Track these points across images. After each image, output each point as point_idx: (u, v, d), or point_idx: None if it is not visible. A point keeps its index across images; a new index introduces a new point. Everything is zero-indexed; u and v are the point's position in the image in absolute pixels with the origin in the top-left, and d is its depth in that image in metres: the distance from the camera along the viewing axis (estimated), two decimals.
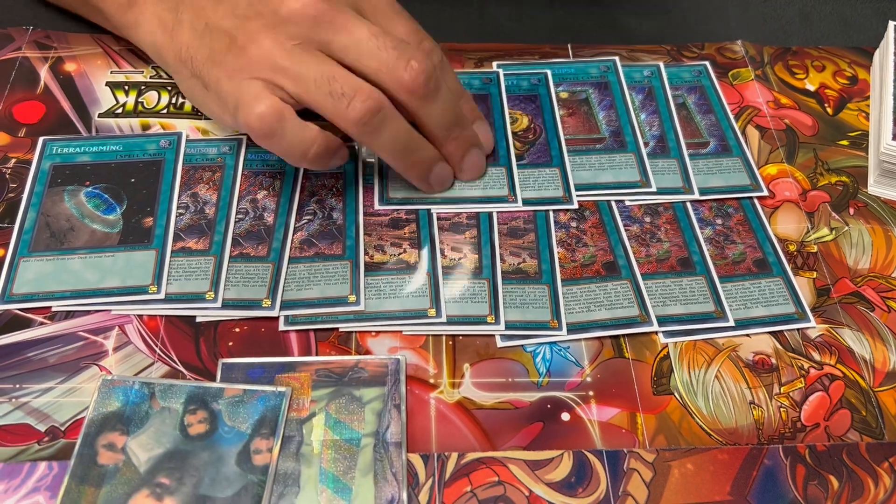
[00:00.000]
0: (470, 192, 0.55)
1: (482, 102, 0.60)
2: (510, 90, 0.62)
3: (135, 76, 0.60)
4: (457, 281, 0.51)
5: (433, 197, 0.55)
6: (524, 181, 0.56)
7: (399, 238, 0.53)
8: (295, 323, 0.49)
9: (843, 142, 0.62)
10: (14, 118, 0.57)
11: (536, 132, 0.59)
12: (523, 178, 0.56)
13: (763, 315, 0.51)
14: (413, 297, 0.50)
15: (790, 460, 0.46)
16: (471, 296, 0.50)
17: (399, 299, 0.50)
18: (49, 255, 0.50)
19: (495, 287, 0.51)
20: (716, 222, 0.56)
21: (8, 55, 0.61)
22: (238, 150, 0.56)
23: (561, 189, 0.56)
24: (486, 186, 0.55)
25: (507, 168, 0.57)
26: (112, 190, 0.54)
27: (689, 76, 0.64)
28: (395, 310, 0.49)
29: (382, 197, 0.55)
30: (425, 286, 0.50)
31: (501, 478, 0.44)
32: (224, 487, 0.42)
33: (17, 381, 0.46)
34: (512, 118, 0.60)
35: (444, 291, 0.50)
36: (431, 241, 0.53)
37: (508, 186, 0.56)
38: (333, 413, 0.45)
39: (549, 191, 0.56)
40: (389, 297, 0.50)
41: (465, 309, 0.50)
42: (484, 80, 0.62)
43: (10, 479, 0.42)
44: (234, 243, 0.52)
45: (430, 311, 0.49)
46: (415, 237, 0.53)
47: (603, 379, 0.48)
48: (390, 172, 0.55)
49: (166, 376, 0.46)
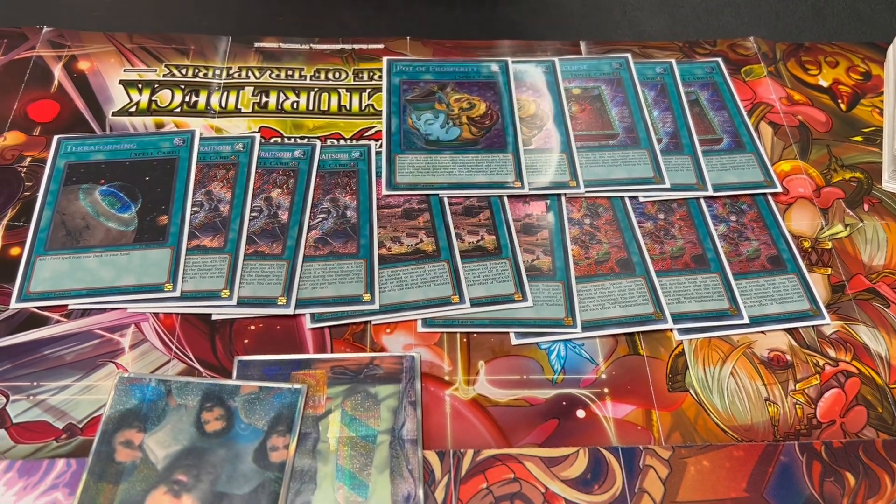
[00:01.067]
0: (477, 178, 0.56)
1: (490, 89, 0.61)
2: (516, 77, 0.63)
3: (148, 74, 0.61)
4: (478, 263, 0.52)
5: (439, 182, 0.55)
6: (531, 166, 0.57)
7: (414, 228, 0.53)
8: (322, 320, 0.49)
9: (856, 138, 0.62)
10: (29, 117, 0.57)
11: (542, 119, 0.60)
12: (529, 162, 0.57)
13: (778, 312, 0.51)
14: (435, 286, 0.50)
15: (806, 457, 0.46)
16: (494, 276, 0.51)
17: (421, 289, 0.50)
18: (65, 253, 0.50)
19: (517, 266, 0.51)
20: (730, 219, 0.56)
21: (22, 54, 0.61)
22: (251, 148, 0.56)
23: (568, 174, 0.56)
24: (492, 172, 0.56)
25: (514, 154, 0.57)
26: (127, 188, 0.54)
27: (701, 73, 0.64)
28: (418, 299, 0.50)
29: (390, 182, 0.55)
30: (446, 274, 0.51)
31: (517, 475, 0.44)
32: (241, 484, 0.42)
33: (34, 378, 0.46)
34: (519, 104, 0.60)
35: (464, 276, 0.51)
36: (446, 227, 0.53)
37: (515, 172, 0.56)
38: (349, 410, 0.45)
39: (555, 176, 0.56)
40: (412, 288, 0.50)
41: (490, 290, 0.50)
42: (492, 69, 0.63)
43: (28, 476, 0.42)
44: (249, 241, 0.52)
45: (453, 298, 0.50)
46: (430, 226, 0.53)
47: (618, 376, 0.48)
48: (398, 160, 0.56)
49: (182, 374, 0.46)
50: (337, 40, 0.65)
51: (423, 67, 0.62)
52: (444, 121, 0.59)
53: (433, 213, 0.54)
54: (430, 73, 0.62)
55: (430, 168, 0.56)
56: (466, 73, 0.62)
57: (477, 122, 0.59)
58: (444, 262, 0.51)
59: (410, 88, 0.61)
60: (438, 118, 0.59)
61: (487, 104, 0.60)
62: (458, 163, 0.56)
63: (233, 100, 0.60)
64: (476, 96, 0.61)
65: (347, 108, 0.60)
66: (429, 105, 0.60)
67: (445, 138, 0.58)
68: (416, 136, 0.58)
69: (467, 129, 0.58)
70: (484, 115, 0.59)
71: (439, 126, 0.58)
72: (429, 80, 0.61)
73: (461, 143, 0.58)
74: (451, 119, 0.59)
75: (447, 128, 0.58)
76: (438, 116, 0.59)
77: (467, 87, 0.61)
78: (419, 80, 0.61)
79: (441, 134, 0.58)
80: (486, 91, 0.61)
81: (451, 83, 0.61)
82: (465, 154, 0.57)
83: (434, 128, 0.58)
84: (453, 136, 0.58)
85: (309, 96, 0.61)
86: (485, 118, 0.59)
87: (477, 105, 0.60)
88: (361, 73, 0.62)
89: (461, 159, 0.56)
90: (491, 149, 0.57)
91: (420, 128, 0.58)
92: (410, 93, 0.61)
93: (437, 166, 0.56)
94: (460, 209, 0.54)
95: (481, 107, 0.60)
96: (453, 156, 0.57)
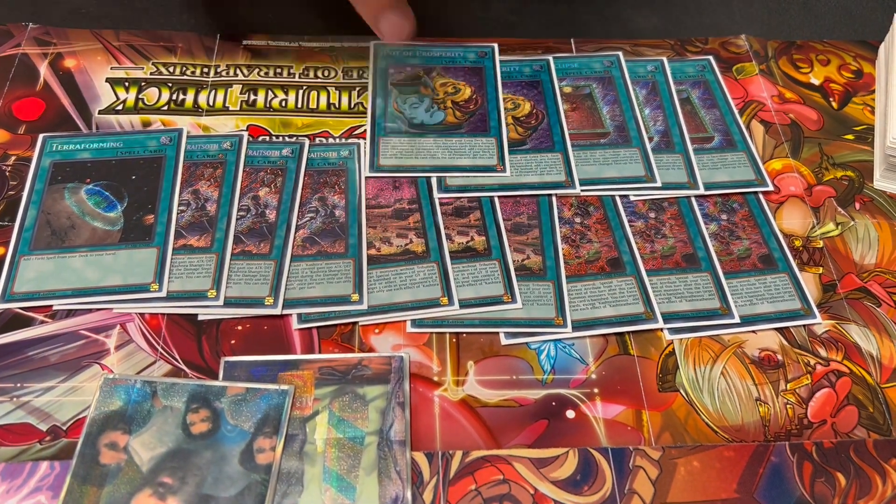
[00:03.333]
0: (460, 161, 0.56)
1: (476, 75, 0.61)
2: (513, 76, 0.62)
3: (135, 72, 0.60)
4: (467, 264, 0.51)
5: (423, 164, 0.55)
6: (525, 165, 0.56)
7: (404, 229, 0.53)
8: (308, 321, 0.48)
9: (848, 136, 0.62)
10: (14, 115, 0.57)
11: (539, 118, 0.59)
12: (525, 162, 0.57)
13: (769, 311, 0.51)
14: (424, 287, 0.50)
15: (797, 457, 0.45)
16: (483, 277, 0.51)
17: (410, 290, 0.50)
18: (50, 253, 0.50)
19: (507, 267, 0.51)
20: (721, 218, 0.55)
21: (7, 52, 0.60)
22: (239, 147, 0.56)
23: (563, 174, 0.56)
24: (475, 156, 0.56)
25: (497, 139, 0.57)
26: (113, 187, 0.53)
27: (692, 71, 0.64)
28: (406, 300, 0.49)
29: (373, 164, 0.55)
30: (435, 275, 0.50)
31: (506, 476, 0.44)
32: (227, 487, 0.41)
33: (18, 380, 0.45)
34: (514, 104, 0.60)
35: (453, 278, 0.50)
36: (436, 228, 0.53)
37: (498, 156, 0.56)
38: (337, 411, 0.45)
39: (551, 175, 0.56)
40: (400, 289, 0.50)
41: (479, 291, 0.50)
42: (479, 53, 0.63)
43: (11, 479, 0.42)
44: (236, 241, 0.51)
45: (442, 300, 0.49)
46: (420, 227, 0.53)
47: (608, 376, 0.48)
48: (381, 142, 0.56)
49: (168, 375, 0.46)
50: (326, 38, 0.64)
51: (410, 52, 0.62)
52: (428, 104, 0.59)
53: (423, 213, 0.54)
54: (417, 58, 0.62)
55: (413, 151, 0.56)
56: (453, 58, 0.62)
57: (461, 106, 0.59)
58: (434, 262, 0.51)
59: (397, 72, 0.61)
60: (423, 102, 0.59)
61: (472, 89, 0.60)
62: (441, 146, 0.56)
63: (221, 97, 0.59)
64: (462, 81, 0.60)
65: (336, 106, 0.60)
66: (414, 89, 0.60)
67: (430, 122, 0.58)
68: (401, 119, 0.58)
69: (451, 113, 0.58)
70: (468, 99, 0.59)
71: (424, 110, 0.58)
72: (415, 65, 0.61)
73: (445, 127, 0.58)
74: (437, 103, 0.59)
75: (431, 112, 0.58)
76: (423, 100, 0.59)
77: (453, 72, 0.61)
78: (406, 64, 0.61)
79: (426, 118, 0.58)
80: (471, 76, 0.61)
81: (437, 68, 0.61)
82: (448, 138, 0.57)
83: (419, 111, 0.58)
84: (437, 120, 0.58)
85: (297, 94, 0.60)
86: (469, 103, 0.59)
87: (462, 90, 0.60)
88: (351, 71, 0.62)
89: (444, 143, 0.56)
90: (475, 133, 0.57)
91: (405, 111, 0.58)
92: (396, 76, 0.60)
93: (420, 149, 0.56)
94: (450, 209, 0.54)
95: (466, 91, 0.60)
96: (437, 139, 0.57)
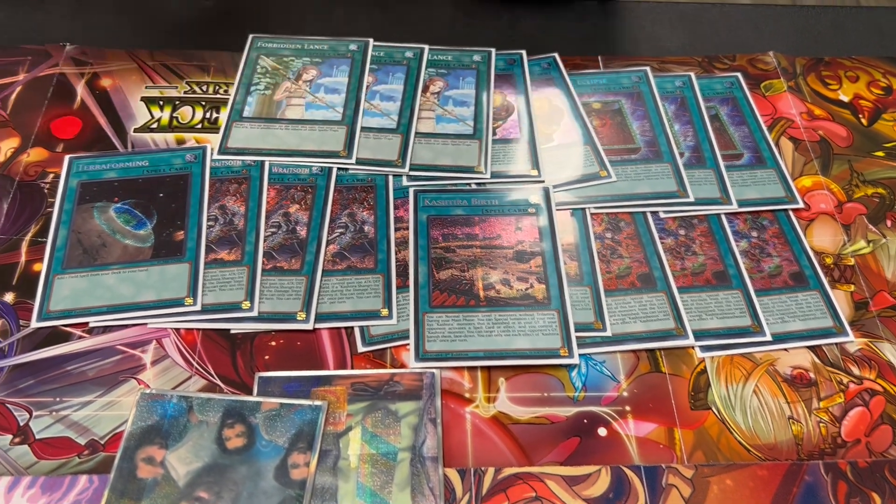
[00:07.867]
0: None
1: (506, 82, 0.63)
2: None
3: (169, 91, 0.61)
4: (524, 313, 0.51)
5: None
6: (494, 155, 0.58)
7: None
8: (373, 344, 0.49)
9: (878, 153, 0.61)
10: (52, 133, 0.58)
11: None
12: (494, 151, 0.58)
13: (800, 329, 0.51)
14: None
15: (831, 476, 0.45)
16: (541, 328, 0.50)
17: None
18: (83, 271, 0.51)
19: (566, 319, 0.50)
20: (751, 235, 0.55)
21: (45, 71, 0.62)
22: (262, 163, 0.57)
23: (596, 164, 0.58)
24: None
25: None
26: (141, 205, 0.54)
27: (721, 87, 0.64)
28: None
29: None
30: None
31: (539, 493, 0.44)
32: (262, 502, 0.42)
33: (57, 394, 0.46)
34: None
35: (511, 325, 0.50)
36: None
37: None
38: (370, 427, 0.45)
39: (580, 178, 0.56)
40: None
41: (535, 342, 0.49)
42: (508, 61, 0.64)
43: (51, 493, 0.42)
44: (268, 257, 0.52)
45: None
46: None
47: (639, 394, 0.48)
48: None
49: (204, 390, 0.47)
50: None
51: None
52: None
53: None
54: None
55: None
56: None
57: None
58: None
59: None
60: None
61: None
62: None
63: None
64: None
65: None
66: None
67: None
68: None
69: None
70: None
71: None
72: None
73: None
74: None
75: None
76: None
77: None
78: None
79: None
80: (504, 84, 0.63)
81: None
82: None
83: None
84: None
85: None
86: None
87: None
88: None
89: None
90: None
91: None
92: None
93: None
94: (512, 254, 0.53)
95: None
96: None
